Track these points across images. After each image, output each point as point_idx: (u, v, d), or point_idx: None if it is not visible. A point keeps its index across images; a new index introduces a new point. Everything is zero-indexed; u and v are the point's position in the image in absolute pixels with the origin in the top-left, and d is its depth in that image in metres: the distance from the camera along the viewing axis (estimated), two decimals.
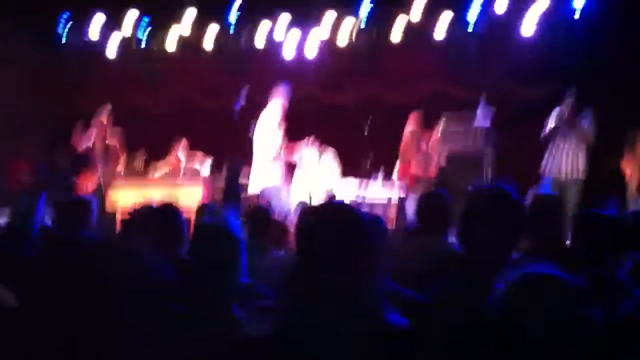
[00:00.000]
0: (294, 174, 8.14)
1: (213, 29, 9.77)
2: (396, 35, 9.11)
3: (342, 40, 9.34)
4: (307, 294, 2.01)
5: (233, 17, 9.60)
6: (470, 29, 8.75)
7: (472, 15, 8.69)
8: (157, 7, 9.83)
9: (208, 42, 9.82)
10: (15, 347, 1.72)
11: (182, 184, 8.43)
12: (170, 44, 9.93)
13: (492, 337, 1.85)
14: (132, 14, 9.94)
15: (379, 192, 8.17)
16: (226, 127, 7.71)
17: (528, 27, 8.53)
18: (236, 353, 2.14)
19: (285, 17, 9.49)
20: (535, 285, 1.84)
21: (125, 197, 8.26)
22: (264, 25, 9.59)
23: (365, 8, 9.06)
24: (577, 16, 8.34)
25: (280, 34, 9.54)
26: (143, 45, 10.04)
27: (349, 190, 8.06)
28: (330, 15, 9.28)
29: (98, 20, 10.03)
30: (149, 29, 9.99)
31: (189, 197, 7.96)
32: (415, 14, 8.95)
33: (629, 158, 7.15)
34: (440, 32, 8.92)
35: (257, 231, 4.34)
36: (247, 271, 2.83)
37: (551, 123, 7.49)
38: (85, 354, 1.65)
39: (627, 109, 7.33)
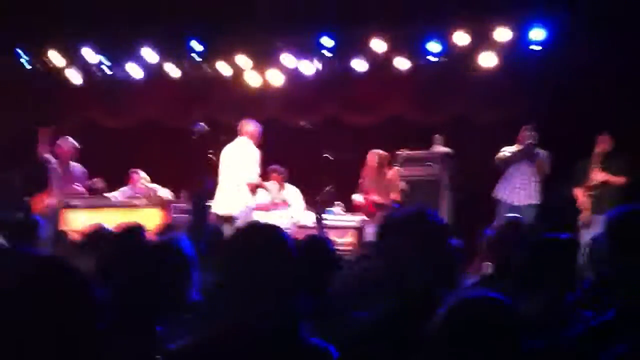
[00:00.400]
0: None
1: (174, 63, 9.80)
2: (359, 65, 9.23)
3: (307, 70, 9.43)
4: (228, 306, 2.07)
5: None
6: (432, 59, 8.89)
7: (434, 46, 8.85)
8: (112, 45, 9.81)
9: (172, 71, 9.83)
10: None
11: (141, 206, 8.32)
12: (133, 71, 9.91)
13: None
14: (87, 52, 9.87)
15: (339, 218, 8.21)
16: (187, 147, 7.65)
17: (488, 57, 8.71)
18: None
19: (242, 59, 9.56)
20: (466, 309, 1.86)
21: (80, 218, 8.15)
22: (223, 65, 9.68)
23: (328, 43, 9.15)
24: (536, 47, 8.52)
25: (244, 62, 9.58)
26: (107, 71, 10.00)
27: (310, 218, 8.09)
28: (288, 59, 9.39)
29: (54, 55, 9.98)
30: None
31: (148, 219, 7.89)
32: (378, 46, 9.08)
33: (580, 186, 7.36)
34: (402, 62, 9.06)
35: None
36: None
37: (510, 149, 7.68)
38: None
39: (580, 138, 7.50)
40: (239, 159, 7.55)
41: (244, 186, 7.51)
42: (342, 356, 2.17)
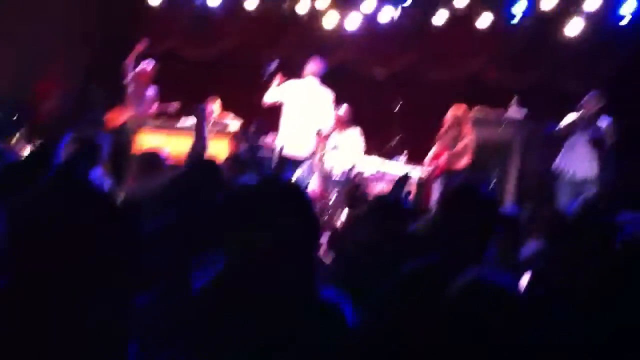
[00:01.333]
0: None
1: None
2: (439, 18, 9.11)
3: (384, 17, 9.34)
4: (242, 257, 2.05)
5: None
6: (515, 22, 8.73)
7: (519, 8, 8.68)
8: None
9: (250, 3, 9.84)
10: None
11: (210, 136, 8.47)
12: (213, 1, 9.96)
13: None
14: None
15: (399, 170, 8.15)
16: (260, 83, 7.69)
17: (574, 26, 8.52)
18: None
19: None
20: (480, 292, 1.91)
21: (152, 141, 8.36)
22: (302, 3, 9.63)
23: None
24: (624, 22, 8.31)
25: (322, 3, 9.53)
26: None
27: (370, 166, 8.05)
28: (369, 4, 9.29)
29: None
30: None
31: (217, 149, 8.05)
32: (461, 0, 8.93)
33: None
34: (484, 21, 8.92)
35: None
36: None
37: (572, 116, 7.35)
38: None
39: None
40: (316, 102, 7.44)
41: (316, 131, 7.51)
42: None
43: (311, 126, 7.45)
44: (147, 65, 8.61)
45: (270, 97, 7.47)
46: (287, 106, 7.47)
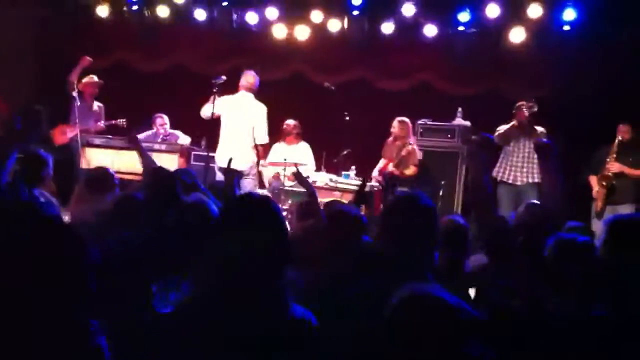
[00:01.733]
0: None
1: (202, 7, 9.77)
2: (387, 27, 9.18)
3: (334, 27, 9.37)
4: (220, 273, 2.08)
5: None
6: (461, 28, 8.84)
7: (464, 16, 8.78)
8: None
9: (199, 14, 9.80)
10: None
11: (160, 151, 8.44)
12: (162, 11, 9.88)
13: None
14: None
15: (352, 182, 8.21)
16: (209, 96, 7.68)
17: (517, 33, 8.65)
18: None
19: (272, 12, 9.51)
20: (414, 305, 1.98)
21: (100, 157, 8.29)
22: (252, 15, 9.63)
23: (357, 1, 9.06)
24: (566, 27, 8.46)
25: (272, 14, 9.54)
26: (135, 8, 9.96)
27: (321, 178, 8.06)
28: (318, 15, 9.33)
29: None
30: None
31: (167, 164, 7.99)
32: (408, 10, 9.01)
33: (596, 175, 7.34)
34: (431, 29, 9.01)
35: None
36: None
37: (505, 126, 7.47)
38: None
39: (604, 125, 7.46)
40: (250, 116, 7.58)
41: (252, 144, 7.59)
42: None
43: (246, 140, 7.60)
44: (91, 80, 8.54)
45: (204, 111, 7.66)
46: (223, 120, 7.69)
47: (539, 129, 7.46)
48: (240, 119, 7.60)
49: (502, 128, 7.47)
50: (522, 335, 2.51)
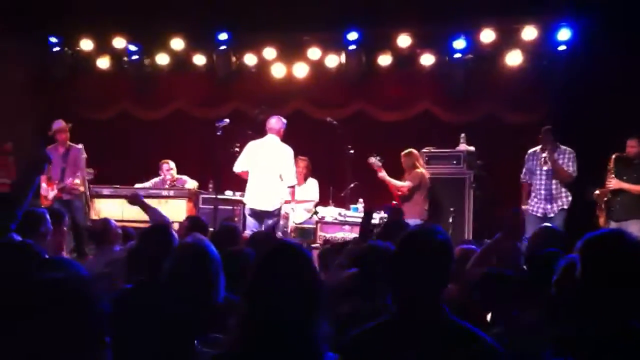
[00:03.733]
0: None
1: (202, 53, 9.94)
2: (384, 59, 9.30)
3: (331, 62, 9.50)
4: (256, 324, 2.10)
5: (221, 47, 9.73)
6: (457, 56, 8.94)
7: (460, 44, 8.88)
8: (144, 35, 9.91)
9: (199, 60, 9.95)
10: None
11: (169, 197, 8.49)
12: (162, 59, 10.02)
13: None
14: (119, 41, 10.02)
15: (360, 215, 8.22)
16: (213, 139, 7.76)
17: (513, 57, 8.75)
18: None
19: (270, 52, 9.66)
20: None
21: (109, 207, 8.35)
22: (250, 57, 9.79)
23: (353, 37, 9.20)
24: (562, 48, 8.55)
25: (270, 54, 9.69)
26: (135, 58, 10.10)
27: (329, 213, 8.06)
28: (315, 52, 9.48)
29: (86, 44, 10.15)
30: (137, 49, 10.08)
31: (176, 210, 8.07)
32: (404, 42, 9.14)
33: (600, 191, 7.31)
34: (428, 58, 9.12)
35: None
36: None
37: (527, 163, 7.57)
38: None
39: (607, 141, 7.47)
40: (278, 159, 7.58)
41: (283, 186, 7.59)
42: None
43: (275, 182, 7.56)
44: (61, 125, 8.26)
45: (239, 166, 7.66)
46: (252, 165, 7.63)
47: (564, 152, 7.44)
48: (268, 162, 7.57)
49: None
50: None
